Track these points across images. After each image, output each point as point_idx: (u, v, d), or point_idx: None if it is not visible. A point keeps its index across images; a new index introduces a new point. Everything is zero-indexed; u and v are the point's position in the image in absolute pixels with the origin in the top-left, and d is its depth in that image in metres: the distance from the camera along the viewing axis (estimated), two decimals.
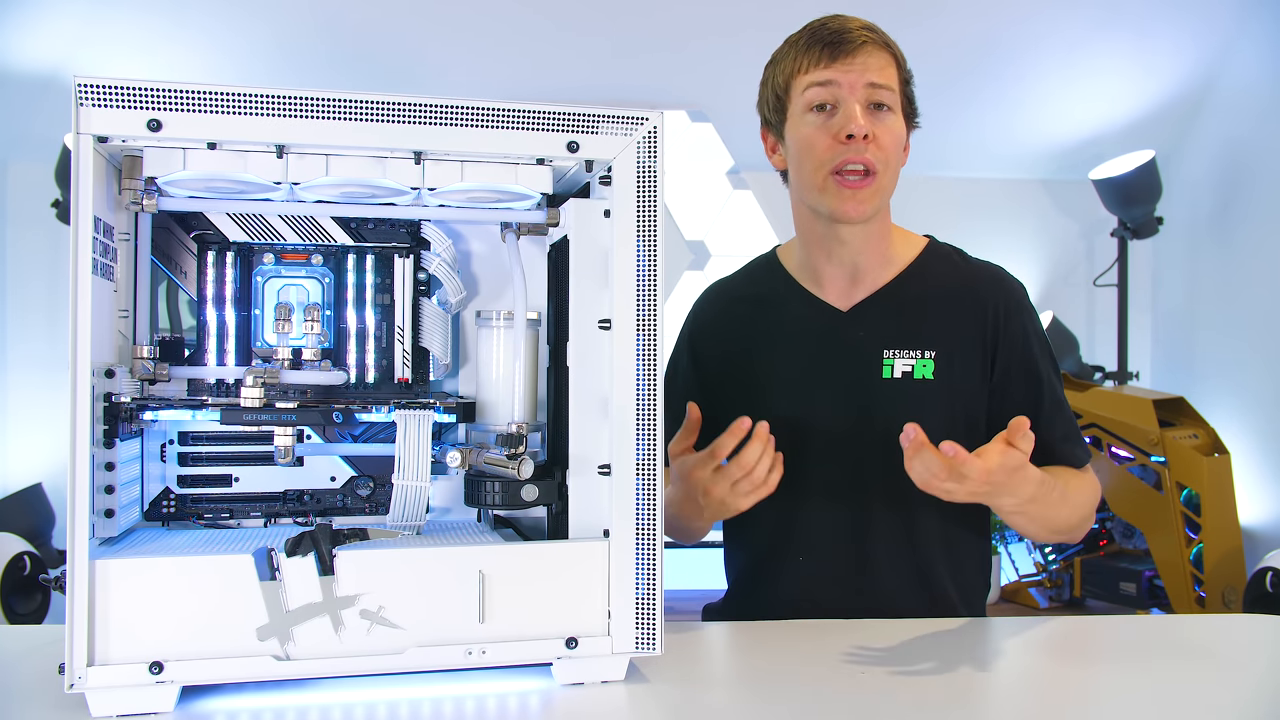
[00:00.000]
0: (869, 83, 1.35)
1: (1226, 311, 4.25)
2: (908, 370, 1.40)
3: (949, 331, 1.41)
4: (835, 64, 1.35)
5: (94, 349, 0.93)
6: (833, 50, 1.36)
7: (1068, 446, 1.42)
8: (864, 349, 1.42)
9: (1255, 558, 3.46)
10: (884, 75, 1.36)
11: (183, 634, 0.94)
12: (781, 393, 1.44)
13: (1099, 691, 1.06)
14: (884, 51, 1.37)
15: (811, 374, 1.43)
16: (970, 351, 1.41)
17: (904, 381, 1.40)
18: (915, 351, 1.40)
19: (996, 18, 3.95)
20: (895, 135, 1.37)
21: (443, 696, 0.99)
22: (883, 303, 1.44)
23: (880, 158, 1.35)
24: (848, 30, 1.36)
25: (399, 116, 0.99)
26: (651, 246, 1.05)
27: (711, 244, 4.59)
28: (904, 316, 1.42)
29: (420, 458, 1.06)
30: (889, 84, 1.36)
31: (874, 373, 1.41)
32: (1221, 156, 4.27)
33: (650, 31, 3.97)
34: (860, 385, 1.41)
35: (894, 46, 1.39)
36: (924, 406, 1.39)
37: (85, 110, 0.92)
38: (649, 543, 1.04)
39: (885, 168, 1.36)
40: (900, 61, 1.39)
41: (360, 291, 1.18)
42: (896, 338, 1.41)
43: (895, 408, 1.39)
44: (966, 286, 1.44)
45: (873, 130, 1.34)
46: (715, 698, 1.05)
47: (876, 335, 1.42)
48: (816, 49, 1.37)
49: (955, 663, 1.14)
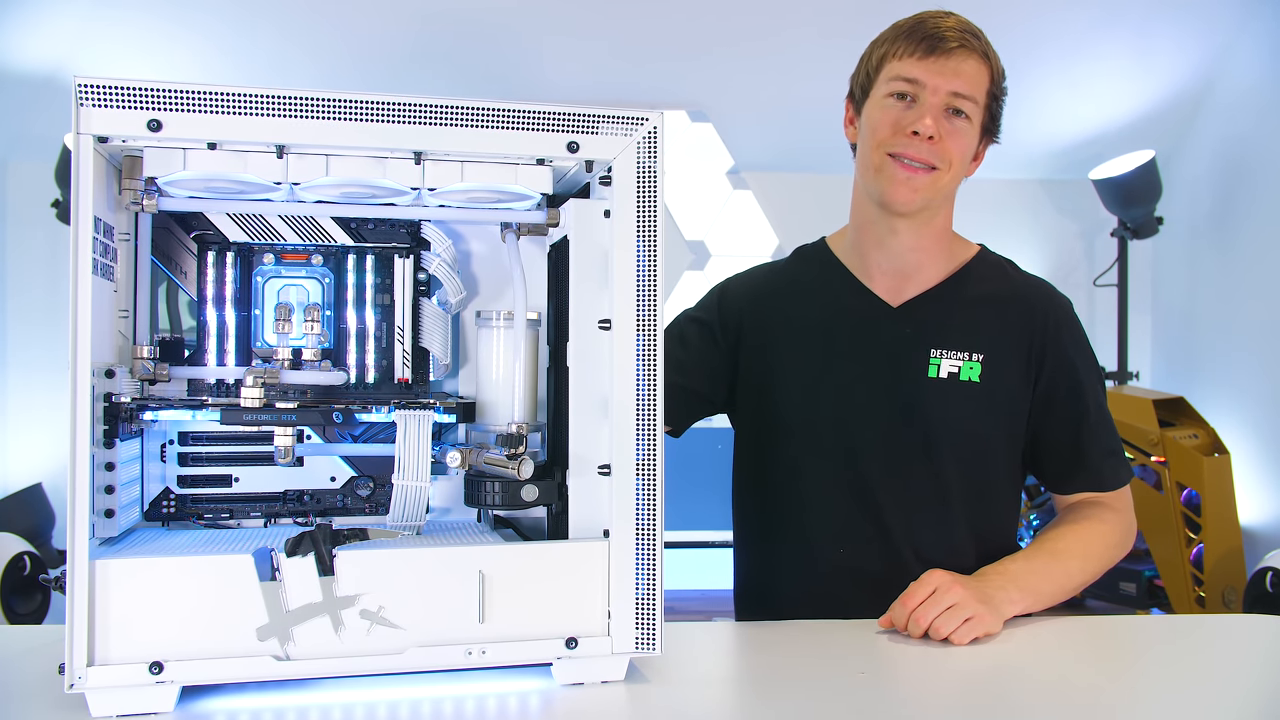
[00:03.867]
0: (953, 90, 1.35)
1: (1226, 311, 4.25)
2: (954, 371, 1.40)
3: (998, 337, 1.41)
4: (927, 60, 1.35)
5: (94, 349, 0.93)
6: (929, 45, 1.36)
7: (1110, 462, 1.43)
8: (911, 347, 1.42)
9: (1255, 558, 3.46)
10: (971, 85, 1.36)
11: (183, 634, 0.94)
12: (824, 381, 1.43)
13: (1099, 692, 1.06)
14: (980, 61, 1.37)
15: (856, 366, 1.42)
16: (1017, 359, 1.41)
17: (949, 382, 1.40)
18: (963, 353, 1.40)
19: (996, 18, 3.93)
20: (964, 142, 1.37)
21: (443, 696, 0.99)
22: (933, 302, 1.44)
23: (942, 158, 1.36)
24: (951, 30, 1.36)
25: (399, 116, 0.99)
26: (651, 246, 1.05)
27: (711, 244, 4.59)
28: (954, 317, 1.42)
29: (420, 458, 1.06)
30: (973, 95, 1.36)
31: (920, 371, 1.41)
32: (1221, 156, 4.27)
33: (650, 32, 3.97)
34: (905, 382, 1.41)
35: (991, 56, 1.39)
36: (967, 408, 1.39)
37: (85, 110, 0.92)
38: (649, 543, 1.04)
39: (946, 168, 1.37)
40: (995, 76, 1.39)
41: (360, 291, 1.18)
42: (945, 338, 1.41)
43: (939, 407, 1.39)
44: (1017, 295, 1.45)
45: (940, 133, 1.35)
46: (715, 698, 1.05)
47: (925, 333, 1.42)
48: (915, 40, 1.37)
49: (956, 663, 1.14)
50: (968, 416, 1.40)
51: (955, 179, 1.39)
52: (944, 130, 1.35)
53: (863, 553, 1.41)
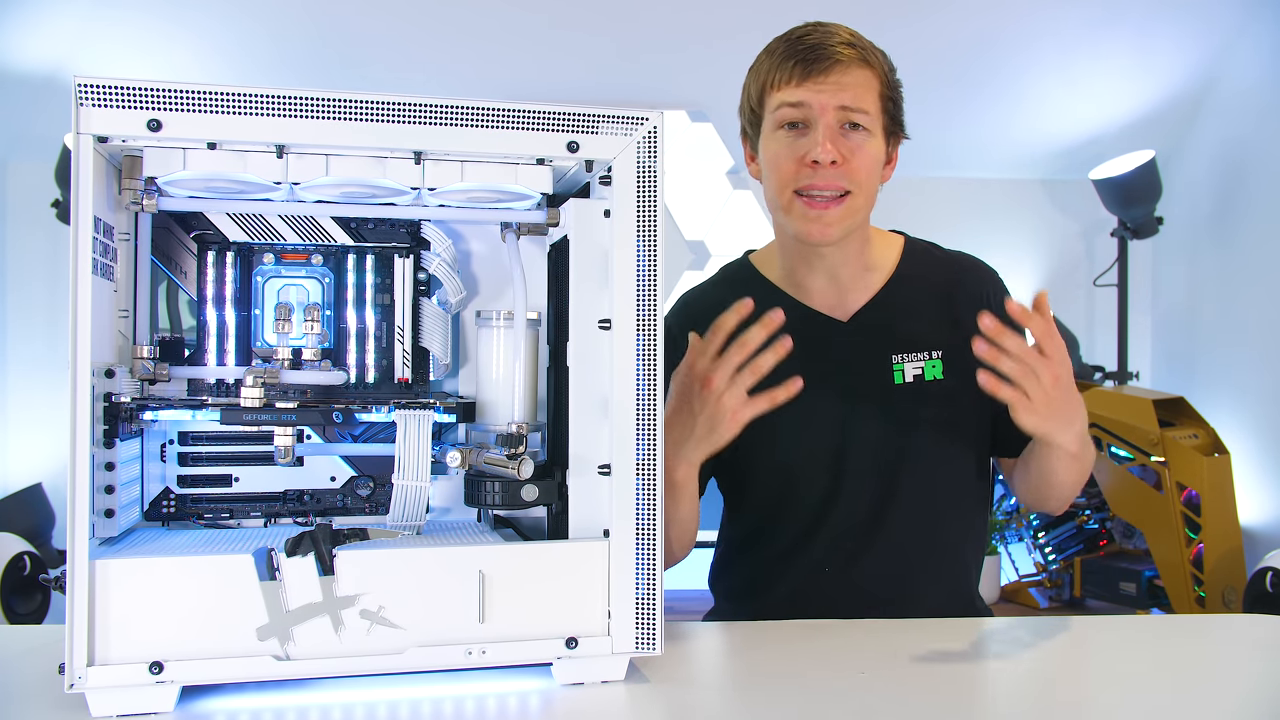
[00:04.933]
0: (841, 105, 1.30)
1: (1226, 311, 4.25)
2: (918, 373, 1.39)
3: (949, 328, 1.40)
4: (807, 82, 1.30)
5: (94, 349, 0.93)
6: (805, 68, 1.30)
7: None
8: (872, 358, 1.40)
9: (1255, 558, 3.46)
10: (859, 97, 1.30)
11: (183, 634, 0.94)
12: (792, 409, 1.29)
13: (1099, 691, 1.06)
14: (863, 69, 1.31)
15: (822, 387, 1.35)
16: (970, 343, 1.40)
17: (917, 385, 1.39)
18: (922, 353, 1.40)
19: (995, 16, 3.94)
20: (869, 157, 1.32)
21: (443, 696, 0.99)
22: (880, 309, 1.42)
23: (852, 180, 1.31)
24: (825, 46, 1.30)
25: (399, 116, 0.99)
26: (651, 246, 1.05)
27: (711, 244, 4.59)
28: (903, 319, 1.41)
29: (420, 458, 1.06)
30: (864, 106, 1.31)
31: (886, 380, 1.40)
32: (1221, 156, 4.27)
33: (650, 32, 3.97)
34: (874, 394, 1.39)
35: (877, 62, 1.33)
36: (942, 406, 1.39)
37: (85, 110, 0.92)
38: (649, 543, 1.04)
39: (858, 189, 1.32)
40: (884, 77, 1.34)
41: (360, 291, 1.18)
42: (901, 341, 1.40)
43: (914, 412, 1.38)
44: (952, 280, 1.44)
45: (842, 154, 1.30)
46: (715, 698, 1.05)
47: (881, 342, 1.41)
48: (789, 65, 1.31)
49: (955, 663, 1.14)
50: (941, 414, 1.39)
51: (869, 196, 1.35)
52: (844, 149, 1.30)
53: (850, 563, 1.39)
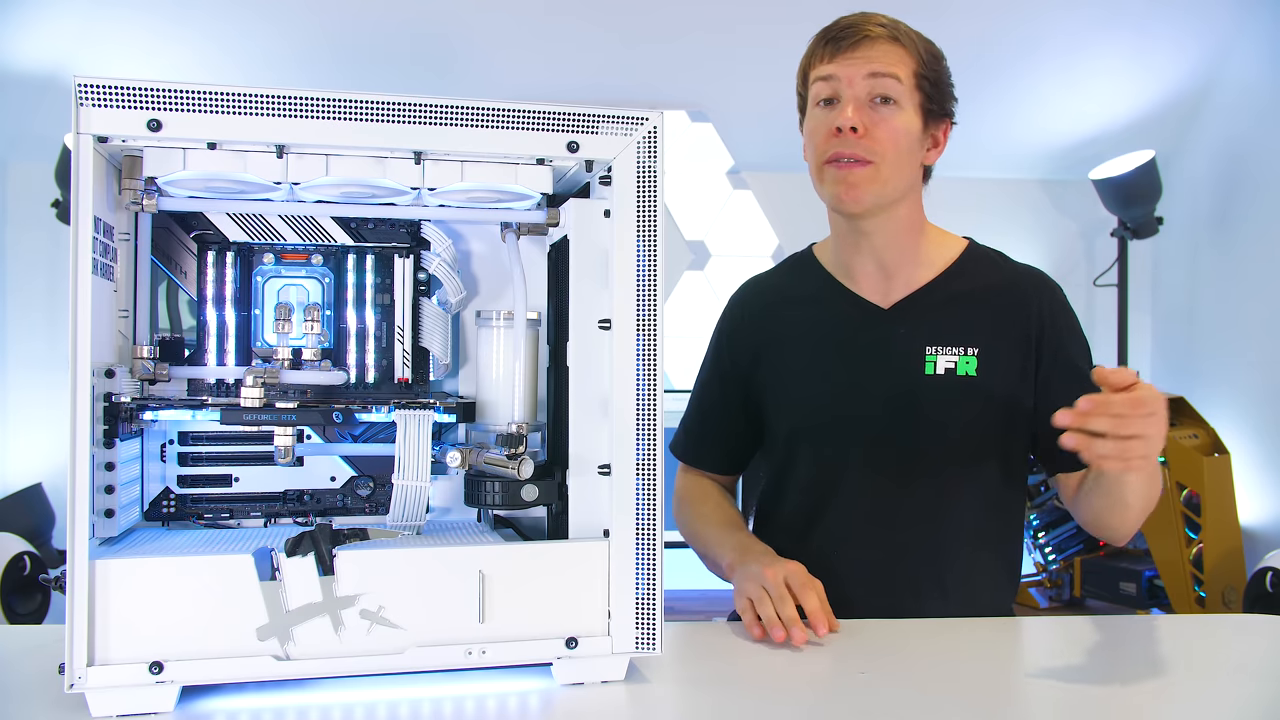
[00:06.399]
0: (869, 73, 1.35)
1: (1226, 311, 4.25)
2: (950, 367, 1.41)
3: (992, 329, 1.42)
4: (837, 58, 1.37)
5: (94, 349, 0.93)
6: (836, 45, 1.37)
7: None
8: (906, 346, 1.42)
9: (1255, 558, 3.46)
10: (886, 66, 1.35)
11: (183, 634, 0.94)
12: (824, 389, 1.44)
13: (1099, 691, 1.06)
14: (893, 45, 1.36)
15: (854, 370, 1.43)
16: (1013, 350, 1.41)
17: (947, 378, 1.40)
18: (958, 348, 1.41)
19: (996, 17, 3.94)
20: (894, 129, 1.36)
21: (443, 696, 0.99)
22: (923, 300, 1.44)
23: (874, 150, 1.35)
24: (858, 25, 1.37)
25: (399, 116, 0.99)
26: (651, 246, 1.05)
27: (711, 244, 4.59)
28: (946, 314, 1.43)
29: (420, 458, 1.06)
30: (891, 73, 1.35)
31: (916, 369, 1.41)
32: (1221, 156, 4.27)
33: (650, 31, 3.97)
34: (903, 382, 1.41)
35: (910, 41, 1.38)
36: (967, 402, 1.40)
37: (85, 110, 0.92)
38: (649, 543, 1.04)
39: (881, 160, 1.36)
40: (919, 56, 1.38)
41: (360, 291, 1.18)
42: (939, 335, 1.42)
43: (938, 403, 1.40)
44: (1009, 286, 1.45)
45: (864, 123, 1.35)
46: (715, 698, 1.05)
47: (918, 332, 1.42)
48: (824, 44, 1.39)
49: (955, 663, 1.14)
50: (968, 410, 1.40)
51: (898, 169, 1.37)
52: (869, 120, 1.35)
53: (868, 550, 1.41)
